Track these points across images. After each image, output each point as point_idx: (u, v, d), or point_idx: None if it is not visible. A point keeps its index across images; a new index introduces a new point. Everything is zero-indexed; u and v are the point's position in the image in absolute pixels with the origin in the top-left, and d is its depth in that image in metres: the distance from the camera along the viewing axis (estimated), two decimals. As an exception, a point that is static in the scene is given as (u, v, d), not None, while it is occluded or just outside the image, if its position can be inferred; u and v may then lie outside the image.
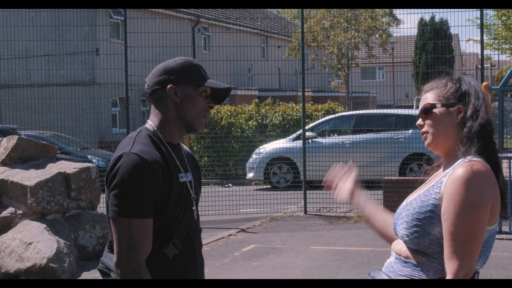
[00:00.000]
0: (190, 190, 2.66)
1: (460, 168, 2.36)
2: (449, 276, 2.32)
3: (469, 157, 2.40)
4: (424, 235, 2.38)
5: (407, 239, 2.44)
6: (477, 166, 2.34)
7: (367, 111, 15.60)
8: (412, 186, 3.26)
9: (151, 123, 2.66)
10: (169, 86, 2.61)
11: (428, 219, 2.38)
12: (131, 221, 2.45)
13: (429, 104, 2.51)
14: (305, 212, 11.64)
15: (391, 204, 9.48)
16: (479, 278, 2.44)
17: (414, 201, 2.47)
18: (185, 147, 2.83)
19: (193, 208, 2.69)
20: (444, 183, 2.38)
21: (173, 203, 2.56)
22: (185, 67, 2.64)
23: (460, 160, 2.41)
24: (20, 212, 7.95)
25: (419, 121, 2.55)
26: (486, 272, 7.19)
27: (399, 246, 2.50)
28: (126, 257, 2.44)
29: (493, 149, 2.46)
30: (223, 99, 2.72)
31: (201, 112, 2.65)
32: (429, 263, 2.40)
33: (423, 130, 2.54)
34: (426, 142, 2.54)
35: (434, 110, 2.50)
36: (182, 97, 2.62)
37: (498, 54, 28.09)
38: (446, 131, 2.48)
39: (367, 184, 14.05)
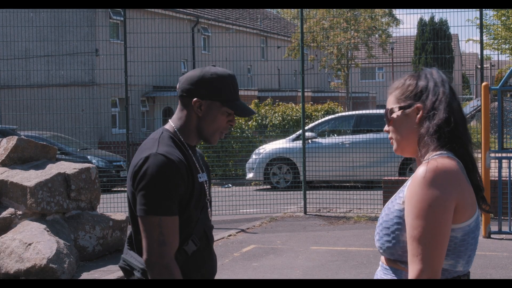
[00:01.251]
0: (206, 190, 2.76)
1: (419, 169, 2.22)
2: None
3: (431, 156, 2.25)
4: (394, 244, 2.26)
5: (381, 250, 2.34)
6: (435, 164, 2.19)
7: (367, 111, 15.58)
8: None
9: (172, 124, 2.73)
10: (195, 99, 2.67)
11: (395, 225, 2.26)
12: (161, 219, 2.54)
13: (387, 109, 2.39)
14: (305, 212, 11.64)
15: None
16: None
17: (383, 211, 2.36)
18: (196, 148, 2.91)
19: (209, 208, 2.79)
20: (407, 187, 2.26)
21: (194, 201, 2.66)
22: (218, 82, 2.67)
23: (423, 162, 2.27)
24: (20, 212, 7.94)
25: (385, 127, 2.43)
26: (486, 272, 7.19)
27: None
28: (158, 253, 2.53)
29: (460, 144, 2.28)
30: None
31: (219, 129, 2.72)
32: (407, 270, 2.25)
33: (389, 136, 2.41)
34: (393, 148, 2.41)
35: (393, 115, 2.37)
36: (205, 112, 2.68)
37: (498, 54, 28.12)
38: (407, 134, 2.34)
39: (367, 184, 14.08)
